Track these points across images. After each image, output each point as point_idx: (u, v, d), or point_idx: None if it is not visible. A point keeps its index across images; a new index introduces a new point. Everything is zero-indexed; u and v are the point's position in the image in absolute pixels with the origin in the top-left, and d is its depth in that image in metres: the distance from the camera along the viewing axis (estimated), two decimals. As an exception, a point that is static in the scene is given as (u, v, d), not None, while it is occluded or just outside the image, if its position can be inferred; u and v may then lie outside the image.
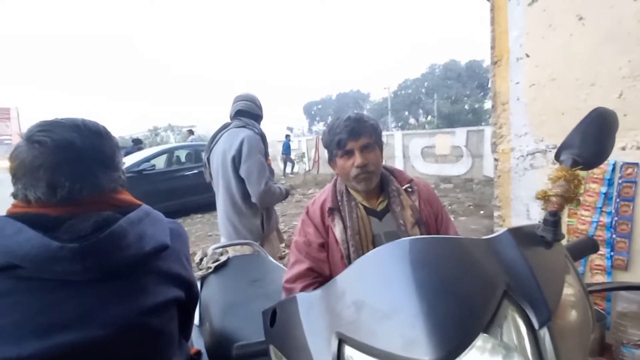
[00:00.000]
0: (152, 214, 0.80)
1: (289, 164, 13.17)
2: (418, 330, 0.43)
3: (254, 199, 1.96)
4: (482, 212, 5.62)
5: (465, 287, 0.48)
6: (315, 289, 1.06)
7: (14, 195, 0.70)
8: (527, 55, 1.68)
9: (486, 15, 1.85)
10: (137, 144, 9.45)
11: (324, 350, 0.50)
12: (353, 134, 1.10)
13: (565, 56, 1.58)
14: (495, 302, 0.46)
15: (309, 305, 0.57)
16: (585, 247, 0.72)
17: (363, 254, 1.09)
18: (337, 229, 1.13)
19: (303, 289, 1.08)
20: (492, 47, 1.81)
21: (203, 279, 1.45)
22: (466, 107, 33.86)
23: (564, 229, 1.62)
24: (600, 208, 1.52)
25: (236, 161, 1.94)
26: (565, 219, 1.62)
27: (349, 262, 1.08)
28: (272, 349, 0.61)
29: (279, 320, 0.62)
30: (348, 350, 0.48)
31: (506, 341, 0.45)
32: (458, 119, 30.07)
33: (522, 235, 0.57)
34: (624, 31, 1.44)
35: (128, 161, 6.52)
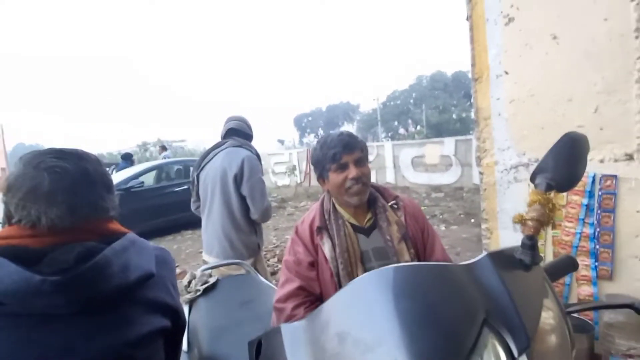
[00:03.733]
0: (138, 242, 0.80)
1: None
2: None
3: (256, 216, 2.02)
4: (472, 220, 5.66)
5: (447, 316, 0.49)
6: (306, 308, 1.08)
7: (17, 221, 0.68)
8: (506, 73, 1.74)
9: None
10: (128, 159, 8.78)
11: None
12: (348, 148, 1.14)
13: (542, 73, 1.64)
14: (476, 330, 0.47)
15: (294, 337, 0.57)
16: (565, 266, 0.74)
17: (352, 271, 1.11)
18: (326, 247, 1.13)
19: (294, 309, 1.07)
20: (473, 65, 1.87)
21: (192, 302, 1.42)
22: (454, 116, 34.54)
23: (549, 241, 1.67)
24: (583, 219, 1.56)
25: (238, 179, 1.99)
26: (550, 231, 1.66)
27: (339, 280, 1.09)
28: None
29: (264, 353, 0.62)
30: (332, 384, 0.48)
31: (486, 370, 0.45)
32: (446, 128, 30.58)
33: (501, 259, 0.59)
34: (597, 49, 1.51)
35: (117, 178, 6.40)
